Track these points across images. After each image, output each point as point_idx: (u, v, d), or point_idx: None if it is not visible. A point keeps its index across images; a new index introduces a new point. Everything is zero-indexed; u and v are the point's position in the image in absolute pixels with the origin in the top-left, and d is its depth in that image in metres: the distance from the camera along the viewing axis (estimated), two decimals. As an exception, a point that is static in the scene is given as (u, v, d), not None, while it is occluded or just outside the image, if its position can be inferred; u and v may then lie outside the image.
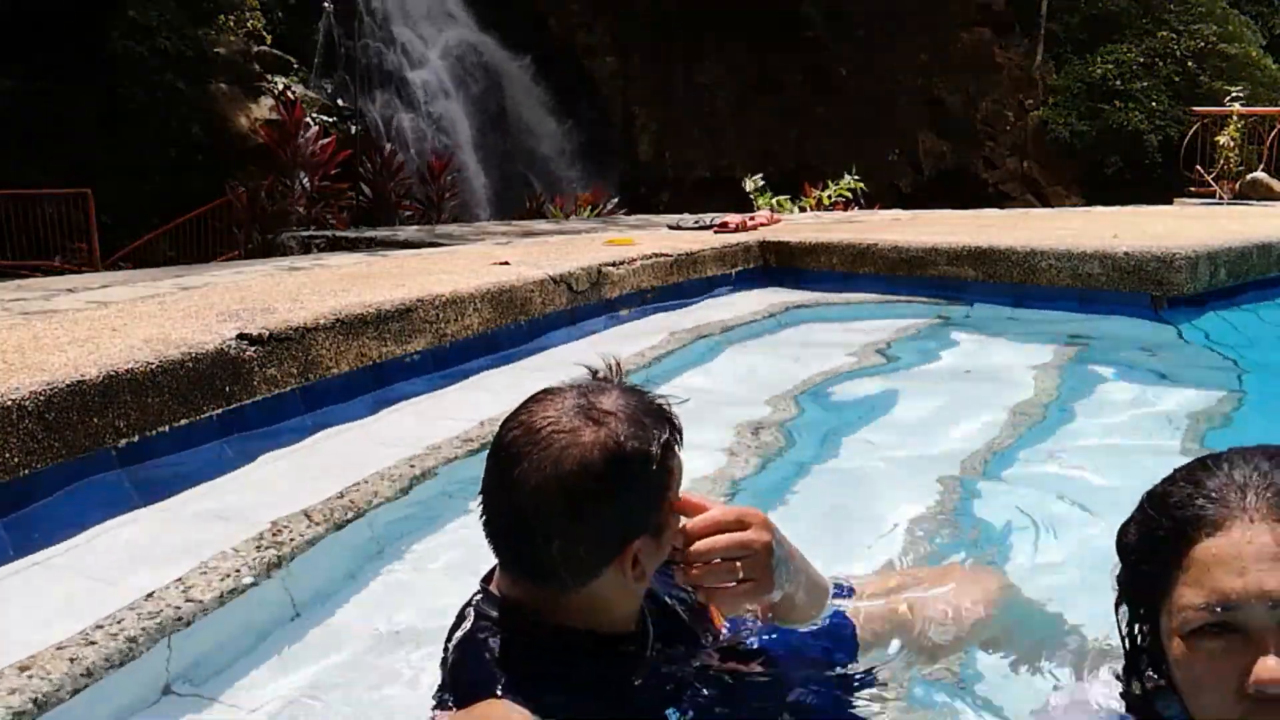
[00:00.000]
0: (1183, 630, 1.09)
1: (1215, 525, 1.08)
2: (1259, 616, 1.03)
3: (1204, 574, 1.07)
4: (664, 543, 1.41)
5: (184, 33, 14.03)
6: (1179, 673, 1.12)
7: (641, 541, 1.37)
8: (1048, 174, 18.31)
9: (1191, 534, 1.09)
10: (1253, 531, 1.05)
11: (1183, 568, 1.09)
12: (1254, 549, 1.04)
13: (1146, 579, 1.15)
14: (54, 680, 1.61)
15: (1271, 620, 1.03)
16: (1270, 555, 1.04)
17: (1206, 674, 1.07)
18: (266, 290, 3.84)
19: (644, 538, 1.37)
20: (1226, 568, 1.05)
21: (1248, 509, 1.07)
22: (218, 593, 1.92)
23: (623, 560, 1.36)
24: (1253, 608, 1.03)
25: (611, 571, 1.36)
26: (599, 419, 1.33)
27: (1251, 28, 18.35)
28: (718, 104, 19.82)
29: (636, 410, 1.36)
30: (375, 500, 2.40)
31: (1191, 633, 1.08)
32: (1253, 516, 1.06)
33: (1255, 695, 1.02)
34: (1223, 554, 1.06)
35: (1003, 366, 4.07)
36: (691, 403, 1.40)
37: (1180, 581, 1.09)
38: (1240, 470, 1.11)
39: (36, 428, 2.30)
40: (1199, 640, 1.07)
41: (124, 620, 1.79)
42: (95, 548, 2.19)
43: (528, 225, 9.59)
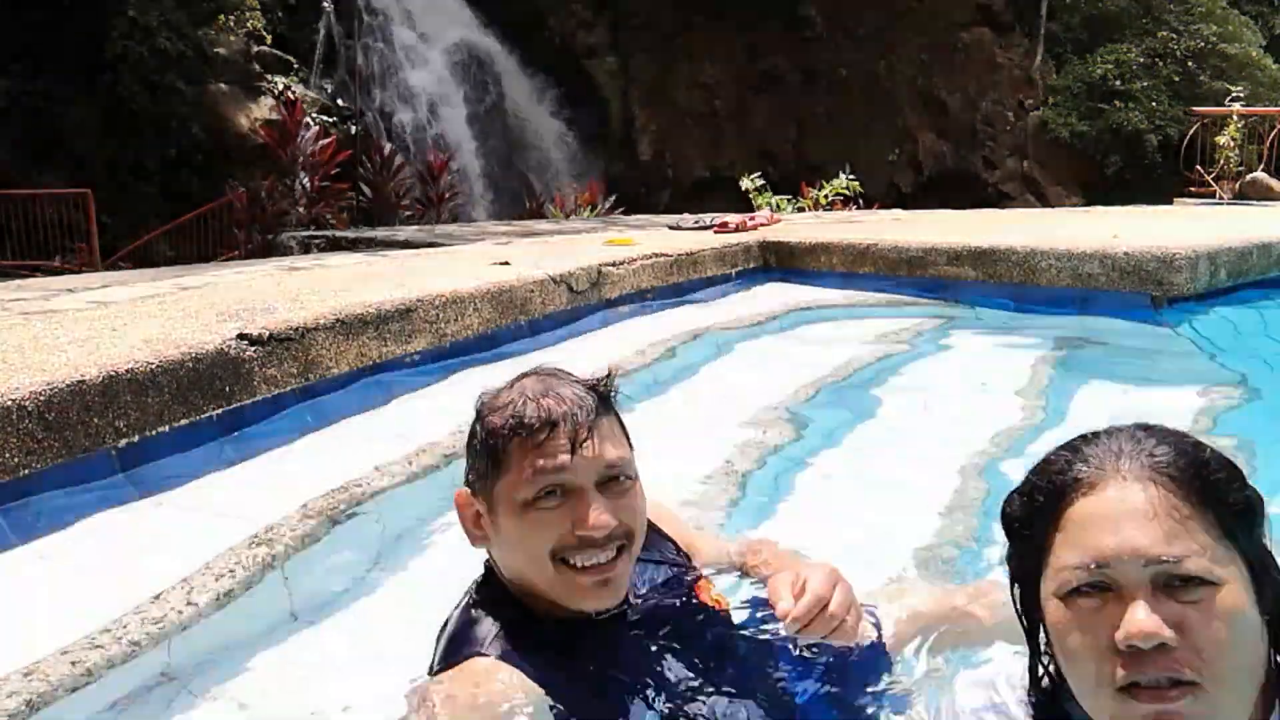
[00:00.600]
0: (1060, 592, 1.10)
1: (1091, 486, 1.10)
2: (1132, 574, 1.05)
3: (1080, 533, 1.09)
4: (499, 530, 1.46)
5: (184, 33, 14.02)
6: (1056, 639, 1.13)
7: (474, 500, 1.49)
8: (1048, 174, 18.30)
9: (1069, 495, 1.11)
10: (1126, 490, 1.08)
11: (1060, 528, 1.11)
12: (1127, 508, 1.07)
13: (1029, 546, 1.17)
14: (53, 681, 1.61)
15: (1144, 578, 1.04)
16: (1143, 514, 1.06)
17: (1081, 635, 1.08)
18: (266, 290, 3.84)
19: (478, 498, 1.49)
20: (1101, 527, 1.07)
21: (1121, 470, 1.09)
22: (215, 594, 1.92)
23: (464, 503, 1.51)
24: (1126, 565, 1.05)
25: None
26: (515, 385, 1.49)
27: (1251, 28, 18.33)
28: (718, 104, 19.81)
29: (530, 402, 1.44)
30: (375, 497, 2.40)
31: (1068, 594, 1.09)
32: (1125, 476, 1.09)
33: (1126, 651, 1.03)
34: (1097, 513, 1.08)
35: (1003, 366, 4.07)
36: (692, 402, 1.41)
37: (1057, 543, 1.11)
38: (1117, 439, 1.14)
39: (36, 428, 2.30)
40: (1075, 601, 1.09)
41: (128, 624, 1.79)
42: (95, 547, 2.19)
43: (528, 225, 9.59)
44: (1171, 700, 1.03)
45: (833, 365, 3.97)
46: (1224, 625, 1.03)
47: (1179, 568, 1.04)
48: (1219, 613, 1.03)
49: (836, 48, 19.39)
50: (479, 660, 1.39)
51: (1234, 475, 1.11)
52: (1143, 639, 1.02)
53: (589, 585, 1.42)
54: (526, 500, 1.41)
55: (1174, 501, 1.07)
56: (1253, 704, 1.07)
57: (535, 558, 1.42)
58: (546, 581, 1.43)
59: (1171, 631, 1.02)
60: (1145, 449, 1.11)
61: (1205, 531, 1.06)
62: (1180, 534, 1.05)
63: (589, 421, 1.43)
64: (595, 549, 1.41)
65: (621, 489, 1.46)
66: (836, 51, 19.40)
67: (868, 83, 19.25)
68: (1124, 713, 1.05)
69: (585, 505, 1.41)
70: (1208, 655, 1.02)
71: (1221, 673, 1.03)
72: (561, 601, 1.45)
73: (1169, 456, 1.10)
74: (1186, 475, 1.08)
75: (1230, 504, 1.09)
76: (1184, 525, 1.05)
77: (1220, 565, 1.05)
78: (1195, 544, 1.05)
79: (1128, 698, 1.05)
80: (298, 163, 13.50)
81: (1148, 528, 1.05)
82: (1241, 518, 1.09)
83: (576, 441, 1.41)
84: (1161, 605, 1.03)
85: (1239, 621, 1.04)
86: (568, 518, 1.41)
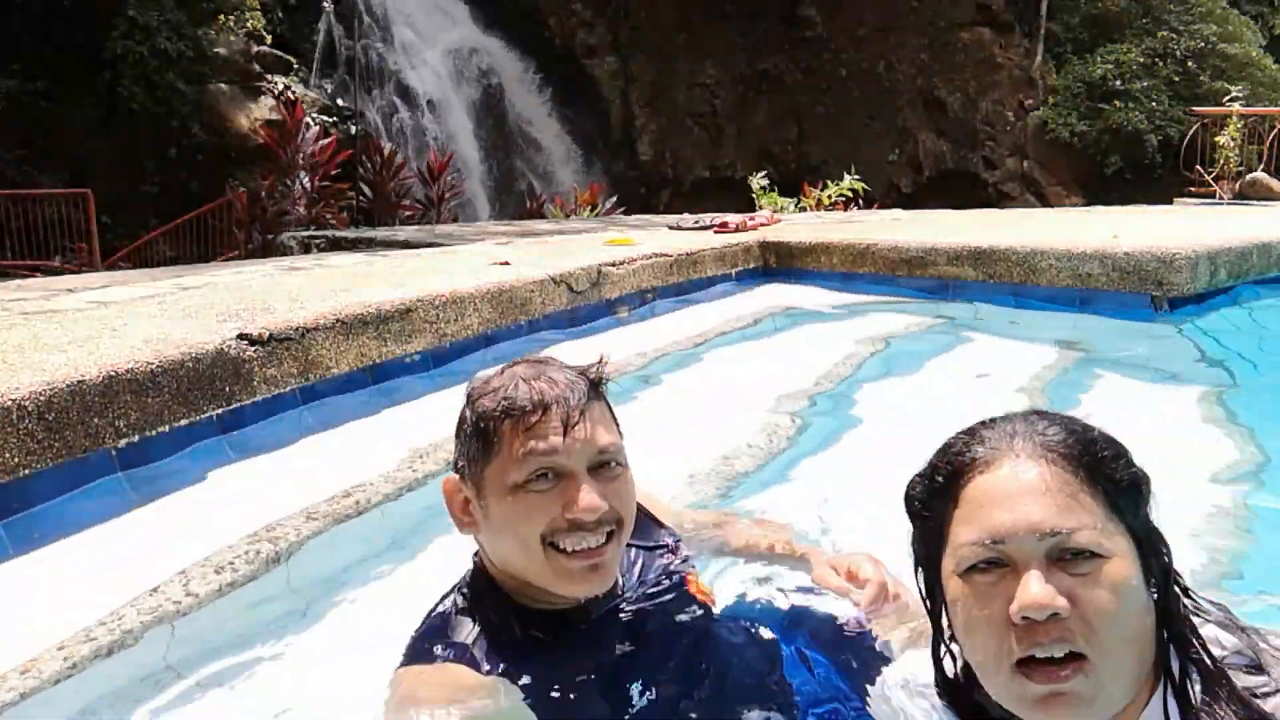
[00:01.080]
0: (959, 570, 1.14)
1: (986, 465, 1.14)
2: (1026, 548, 1.08)
3: (976, 511, 1.13)
4: (489, 515, 1.45)
5: (184, 33, 14.02)
6: (956, 615, 1.16)
7: (463, 486, 1.48)
8: (1048, 174, 18.30)
9: (966, 474, 1.15)
10: (1020, 468, 1.12)
11: (958, 506, 1.15)
12: (1020, 484, 1.11)
13: (929, 526, 1.20)
14: (50, 678, 1.61)
15: (1038, 551, 1.08)
16: (1037, 489, 1.10)
17: (979, 610, 1.11)
18: (266, 290, 3.84)
19: (466, 483, 1.47)
20: (996, 503, 1.11)
21: (1016, 449, 1.14)
22: (216, 586, 1.92)
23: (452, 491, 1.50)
24: (1021, 540, 1.09)
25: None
26: (506, 370, 1.49)
27: (1251, 28, 18.32)
28: (718, 104, 19.81)
29: (522, 385, 1.43)
30: (376, 498, 2.40)
31: (966, 571, 1.13)
32: (1019, 455, 1.13)
33: (1021, 623, 1.06)
34: (993, 490, 1.12)
35: (1003, 366, 4.07)
36: (693, 402, 1.42)
37: (956, 521, 1.15)
38: (1012, 422, 1.18)
39: (36, 428, 2.30)
40: (972, 577, 1.12)
41: (125, 616, 1.79)
42: (95, 547, 2.19)
43: (528, 225, 9.58)
44: (1063, 680, 1.06)
45: (832, 365, 3.97)
46: (1112, 596, 1.07)
47: (1070, 540, 1.08)
48: (1107, 584, 1.07)
49: (836, 48, 19.40)
50: (451, 664, 1.38)
51: (1120, 454, 1.16)
52: (1036, 609, 1.05)
53: (579, 570, 1.40)
54: (517, 483, 1.40)
55: (1065, 478, 1.11)
56: (1140, 680, 1.11)
57: (525, 542, 1.40)
58: (536, 566, 1.41)
59: (1064, 601, 1.06)
60: (1038, 430, 1.16)
61: (1094, 507, 1.10)
62: (1072, 508, 1.09)
63: (581, 405, 1.42)
64: (586, 533, 1.40)
65: (612, 474, 1.45)
66: (836, 51, 19.40)
67: (868, 83, 19.25)
68: (1020, 692, 1.09)
69: (577, 488, 1.39)
70: (1097, 625, 1.06)
71: (1109, 643, 1.07)
72: (550, 587, 1.43)
73: (1060, 436, 1.14)
74: (1076, 453, 1.13)
75: (1117, 481, 1.13)
76: (1075, 500, 1.10)
77: (1108, 539, 1.09)
78: (1085, 518, 1.09)
79: (1023, 677, 1.08)
80: (298, 163, 13.49)
81: (1041, 502, 1.09)
82: (1128, 494, 1.14)
83: (568, 424, 1.40)
84: (1054, 577, 1.07)
85: (1127, 593, 1.09)
86: (558, 501, 1.39)
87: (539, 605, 1.47)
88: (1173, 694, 1.11)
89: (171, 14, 13.86)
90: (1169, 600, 1.14)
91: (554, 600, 1.46)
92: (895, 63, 19.15)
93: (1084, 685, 1.07)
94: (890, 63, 19.17)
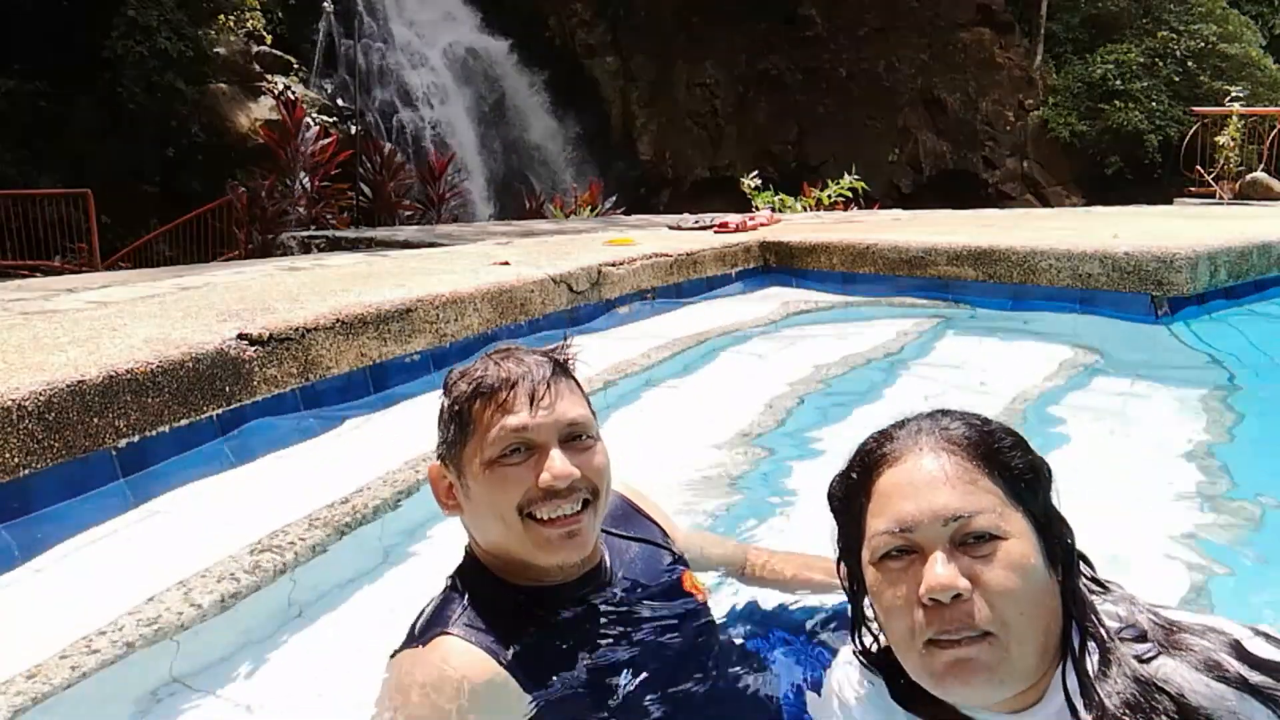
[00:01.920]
0: (874, 558, 1.22)
1: (895, 459, 1.24)
2: (931, 534, 1.17)
3: (886, 502, 1.22)
4: (470, 495, 1.50)
5: (184, 33, 14.01)
6: (875, 601, 1.24)
7: (446, 471, 1.54)
8: (1048, 174, 18.30)
9: (877, 469, 1.25)
10: (923, 460, 1.21)
11: (871, 498, 1.24)
12: (924, 475, 1.20)
13: (848, 520, 1.29)
14: (55, 684, 1.61)
15: (942, 536, 1.16)
16: (938, 479, 1.19)
17: (893, 595, 1.19)
18: (266, 290, 3.84)
19: (449, 469, 1.53)
20: (903, 494, 1.20)
21: (920, 444, 1.23)
22: (218, 595, 1.92)
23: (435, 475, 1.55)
24: (927, 527, 1.17)
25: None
26: (478, 359, 1.56)
27: (1251, 28, 18.32)
28: (718, 104, 19.81)
29: (491, 368, 1.51)
30: (376, 503, 2.40)
31: (880, 559, 1.21)
32: (923, 449, 1.22)
33: (929, 604, 1.14)
34: (900, 482, 1.21)
35: (1003, 366, 4.07)
36: (693, 402, 1.43)
37: (870, 514, 1.24)
38: (918, 420, 1.28)
39: (36, 428, 2.30)
40: (886, 564, 1.21)
41: (124, 627, 1.79)
42: (95, 548, 2.19)
43: (528, 225, 9.58)
44: (967, 645, 1.14)
45: (832, 365, 3.97)
46: (1012, 573, 1.15)
47: (971, 524, 1.16)
48: (1008, 563, 1.15)
49: (836, 48, 19.40)
50: (444, 639, 1.42)
51: (1018, 443, 1.25)
52: (941, 591, 1.13)
53: (555, 538, 1.45)
54: (492, 458, 1.46)
55: (964, 466, 1.20)
56: (1047, 655, 1.18)
57: (503, 514, 1.45)
58: (515, 538, 1.46)
59: (966, 582, 1.14)
60: (940, 425, 1.25)
61: (994, 492, 1.19)
62: (972, 494, 1.18)
63: (546, 379, 1.49)
64: (560, 499, 1.45)
65: (584, 446, 1.50)
66: (836, 51, 19.40)
67: (868, 83, 19.24)
68: (930, 665, 1.16)
69: (547, 457, 1.45)
70: (998, 603, 1.14)
71: (1011, 618, 1.14)
72: (531, 559, 1.47)
73: (959, 430, 1.24)
74: (974, 443, 1.22)
75: (1015, 468, 1.22)
76: (975, 486, 1.18)
77: (1008, 522, 1.17)
78: (985, 502, 1.17)
79: (935, 652, 1.16)
80: (298, 163, 13.49)
81: (942, 490, 1.18)
82: (1027, 481, 1.22)
83: (535, 399, 1.47)
84: (957, 560, 1.15)
85: (1028, 573, 1.16)
86: (532, 472, 1.45)
87: (526, 583, 1.50)
88: (1073, 667, 1.18)
89: (171, 14, 13.85)
90: (1072, 579, 1.21)
91: (540, 577, 1.50)
92: (895, 63, 19.15)
93: (989, 653, 1.14)
94: (890, 63, 19.17)
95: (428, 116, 18.20)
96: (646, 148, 19.83)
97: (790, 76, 19.60)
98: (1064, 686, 1.17)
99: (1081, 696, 1.16)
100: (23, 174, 13.37)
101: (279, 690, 1.82)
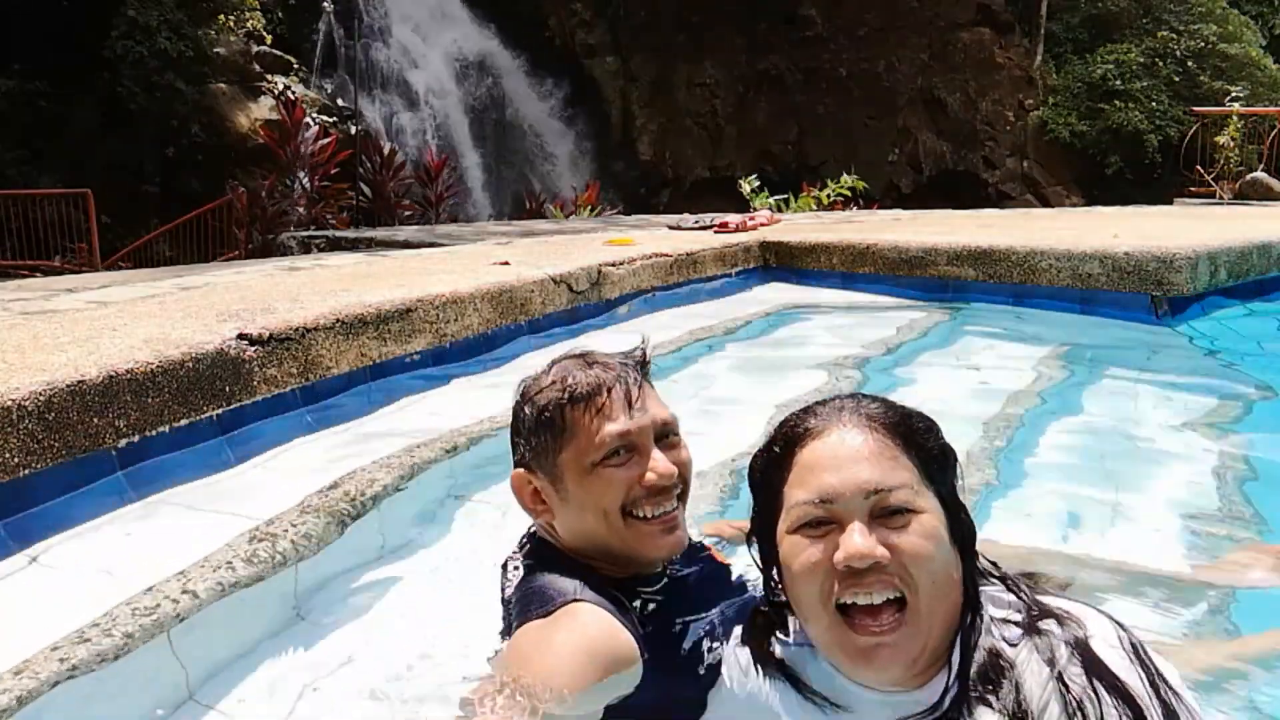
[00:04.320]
0: (792, 528, 1.27)
1: (818, 434, 1.29)
2: (852, 505, 1.22)
3: (808, 474, 1.27)
4: (567, 497, 1.53)
5: (184, 33, 14.01)
6: (786, 567, 1.29)
7: (533, 477, 1.57)
8: (1048, 174, 18.29)
9: (799, 443, 1.30)
10: (846, 435, 1.27)
11: (792, 470, 1.29)
12: (846, 449, 1.26)
13: (767, 493, 1.33)
14: (45, 680, 1.61)
15: (862, 509, 1.22)
16: (861, 454, 1.25)
17: (807, 560, 1.24)
18: (266, 290, 3.84)
19: (536, 474, 1.57)
20: (825, 466, 1.25)
21: (843, 420, 1.29)
22: (216, 588, 1.92)
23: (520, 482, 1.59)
24: (849, 499, 1.22)
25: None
26: (555, 367, 1.59)
27: (1251, 28, 18.30)
28: (718, 104, 19.81)
29: (579, 373, 1.55)
30: (376, 494, 2.40)
31: (798, 528, 1.26)
32: (846, 424, 1.28)
33: (844, 571, 1.19)
34: (823, 455, 1.27)
35: (1003, 366, 4.07)
36: (693, 401, 1.45)
37: (790, 484, 1.28)
38: (840, 399, 1.34)
39: (36, 428, 2.30)
40: (803, 532, 1.25)
41: (119, 617, 1.79)
42: (96, 548, 2.19)
43: (528, 225, 9.58)
44: (885, 632, 1.19)
45: (832, 365, 3.97)
46: (925, 542, 1.21)
47: (890, 498, 1.22)
48: (921, 532, 1.21)
49: (836, 48, 19.39)
50: (578, 605, 1.45)
51: (932, 427, 1.32)
52: (859, 559, 1.18)
53: (658, 533, 1.52)
54: (594, 462, 1.51)
55: (885, 443, 1.26)
56: (950, 630, 1.24)
57: (607, 514, 1.51)
58: (618, 536, 1.52)
59: (884, 550, 1.19)
60: (862, 405, 1.31)
61: (910, 470, 1.25)
62: (891, 469, 1.24)
63: (638, 383, 1.55)
64: (662, 497, 1.52)
65: (674, 444, 1.58)
66: (836, 51, 19.39)
67: (868, 83, 19.24)
68: (841, 639, 1.22)
69: (650, 458, 1.52)
70: (912, 568, 1.20)
71: (923, 583, 1.20)
72: (634, 554, 1.53)
73: (880, 410, 1.30)
74: (894, 423, 1.28)
75: (929, 449, 1.29)
76: (894, 463, 1.24)
77: (921, 498, 1.24)
78: (904, 477, 1.24)
79: (846, 628, 1.22)
80: (298, 163, 13.49)
81: (864, 465, 1.24)
82: (939, 462, 1.29)
83: (631, 402, 1.53)
84: (875, 531, 1.21)
85: (939, 543, 1.23)
86: (634, 472, 1.51)
87: (617, 573, 1.55)
88: (960, 641, 1.23)
89: (171, 14, 13.85)
90: (971, 560, 1.28)
91: (638, 569, 1.56)
92: (895, 63, 19.14)
93: (902, 636, 1.20)
94: (890, 63, 19.16)
95: (427, 116, 18.20)
96: (646, 148, 19.82)
97: (790, 76, 19.59)
98: (949, 665, 1.23)
99: (958, 670, 1.21)
100: (23, 174, 13.37)
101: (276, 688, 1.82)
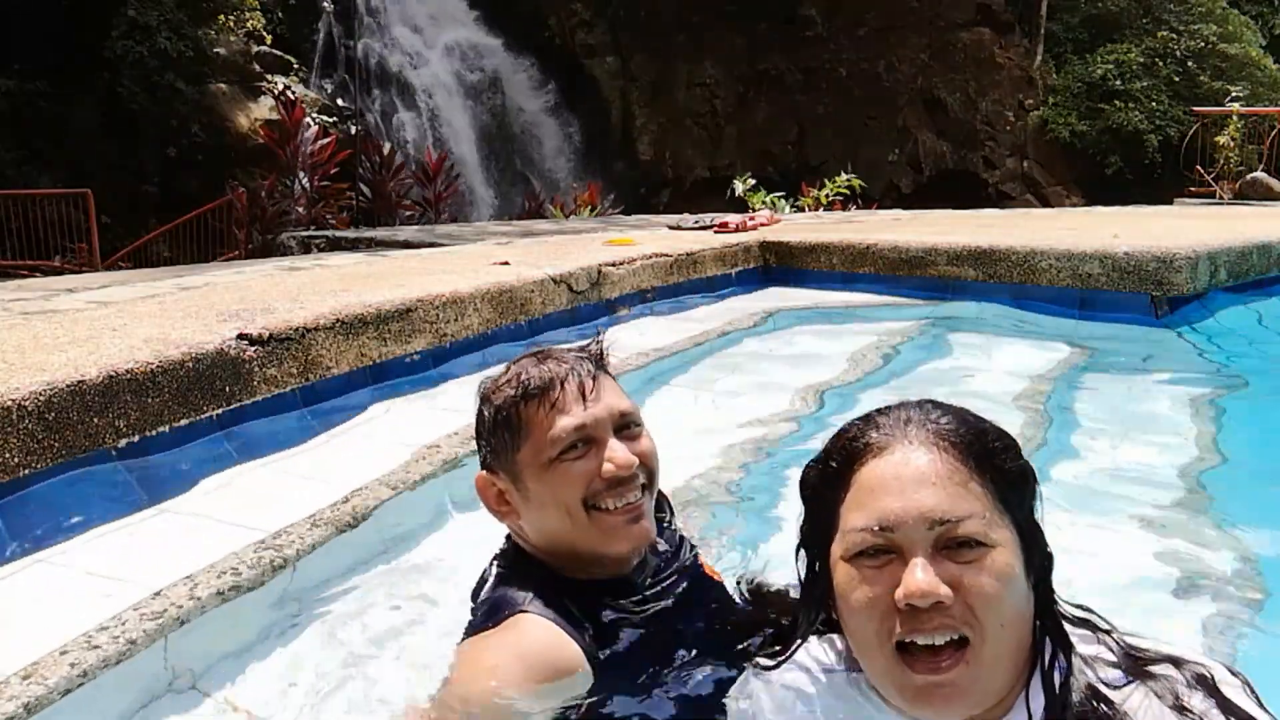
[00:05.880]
0: (848, 555, 1.14)
1: (880, 450, 1.15)
2: (914, 536, 1.09)
3: (867, 496, 1.13)
4: (529, 496, 1.51)
5: (184, 33, 14.01)
6: (841, 599, 1.16)
7: (495, 479, 1.55)
8: (1048, 174, 18.29)
9: (859, 459, 1.17)
10: (911, 454, 1.13)
11: (850, 489, 1.16)
12: (911, 470, 1.12)
13: (821, 510, 1.21)
14: (52, 684, 1.61)
15: (926, 540, 1.09)
16: (927, 477, 1.11)
17: (864, 594, 1.12)
18: (266, 290, 3.84)
19: (499, 476, 1.54)
20: (887, 489, 1.12)
21: (909, 436, 1.15)
22: (219, 593, 1.92)
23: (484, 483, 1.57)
24: (910, 529, 1.09)
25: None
26: (511, 366, 1.56)
27: (1251, 28, 18.31)
28: (718, 104, 19.80)
29: (533, 369, 1.53)
30: (376, 502, 2.40)
31: (854, 556, 1.13)
32: (912, 441, 1.14)
33: (905, 609, 1.07)
34: (885, 475, 1.13)
35: (1003, 366, 4.07)
36: (693, 401, 1.44)
37: (847, 506, 1.16)
38: (906, 410, 1.19)
39: (36, 428, 2.30)
40: (860, 562, 1.13)
41: (127, 621, 1.79)
42: (96, 548, 2.19)
43: (528, 225, 9.58)
44: (944, 671, 1.08)
45: (832, 365, 3.97)
46: (995, 582, 1.08)
47: (958, 529, 1.09)
48: (992, 571, 1.08)
49: (836, 47, 19.38)
50: (522, 616, 1.43)
51: (1010, 445, 1.17)
52: (921, 598, 1.06)
53: (622, 524, 1.49)
54: (551, 458, 1.49)
55: (955, 465, 1.12)
56: (1018, 668, 1.13)
57: (569, 509, 1.48)
58: (582, 531, 1.49)
59: (948, 590, 1.07)
60: (931, 418, 1.17)
61: (982, 496, 1.11)
62: (960, 497, 1.10)
63: (592, 374, 1.52)
64: (624, 488, 1.49)
65: (635, 434, 1.55)
66: (836, 51, 19.39)
67: (868, 83, 19.23)
68: (900, 679, 1.10)
69: (608, 448, 1.49)
70: (979, 610, 1.07)
71: (990, 627, 1.08)
72: (598, 549, 1.50)
73: (952, 425, 1.16)
74: (967, 442, 1.14)
75: (1006, 471, 1.14)
76: (964, 489, 1.11)
77: (994, 529, 1.10)
78: (974, 506, 1.10)
79: (904, 665, 1.09)
80: (298, 163, 13.49)
81: (930, 491, 1.10)
82: (1015, 486, 1.15)
83: (586, 394, 1.50)
84: (939, 565, 1.08)
85: (1010, 582, 1.09)
86: (593, 464, 1.49)
87: (584, 577, 1.53)
88: (1041, 682, 1.12)
89: (171, 14, 13.86)
90: (1047, 592, 1.16)
91: (602, 571, 1.53)
92: (895, 63, 19.14)
93: (963, 676, 1.08)
94: (890, 63, 19.16)
95: (427, 116, 18.19)
96: (646, 148, 19.82)
97: (790, 76, 19.59)
98: (1027, 705, 1.13)
99: (1046, 711, 1.11)
100: (23, 174, 13.37)
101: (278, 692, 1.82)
